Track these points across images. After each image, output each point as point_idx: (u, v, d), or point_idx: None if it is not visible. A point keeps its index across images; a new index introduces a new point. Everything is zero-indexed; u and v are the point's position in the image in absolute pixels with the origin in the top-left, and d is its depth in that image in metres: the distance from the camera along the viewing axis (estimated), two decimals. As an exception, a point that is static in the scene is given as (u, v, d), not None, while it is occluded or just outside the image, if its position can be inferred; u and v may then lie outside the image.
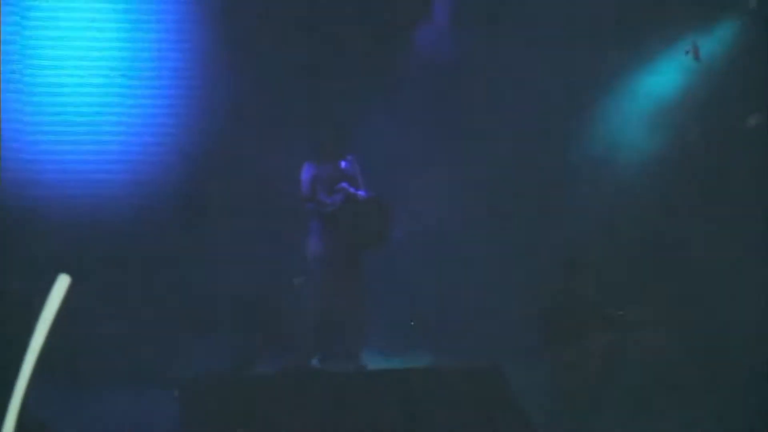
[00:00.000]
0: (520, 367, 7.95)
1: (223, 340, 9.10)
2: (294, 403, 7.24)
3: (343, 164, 9.08)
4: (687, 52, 9.52)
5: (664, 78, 9.87)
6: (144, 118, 9.64)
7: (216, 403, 7.25)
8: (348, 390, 7.57)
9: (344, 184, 9.00)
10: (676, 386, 8.26)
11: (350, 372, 8.71)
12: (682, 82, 9.79)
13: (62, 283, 3.44)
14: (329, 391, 7.49)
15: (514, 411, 7.36)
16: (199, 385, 7.50)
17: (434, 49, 10.12)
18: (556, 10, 9.91)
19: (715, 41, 9.59)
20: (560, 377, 8.35)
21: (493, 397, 7.56)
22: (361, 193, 9.02)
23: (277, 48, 9.82)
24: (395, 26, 10.13)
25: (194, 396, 7.33)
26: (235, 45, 9.72)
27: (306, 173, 9.03)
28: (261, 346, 9.19)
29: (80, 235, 9.31)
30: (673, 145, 9.90)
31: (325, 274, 8.94)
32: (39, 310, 3.47)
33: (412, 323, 9.66)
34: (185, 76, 9.70)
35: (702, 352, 8.59)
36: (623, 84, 10.06)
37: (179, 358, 8.70)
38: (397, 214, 9.17)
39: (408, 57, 10.18)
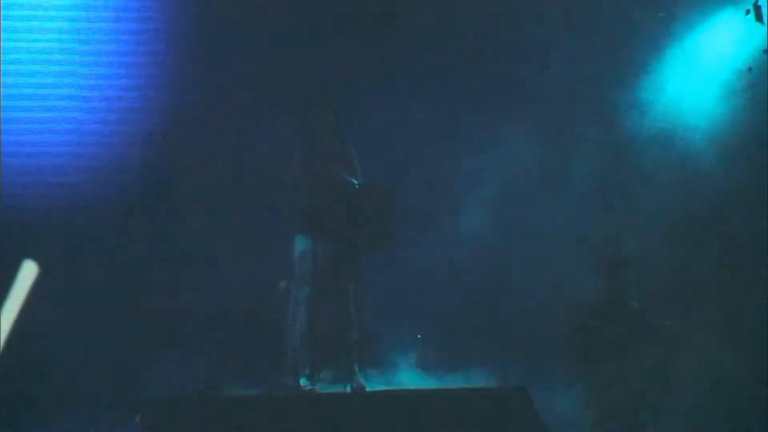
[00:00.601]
0: (551, 387, 8.06)
1: (194, 356, 8.84)
2: (278, 430, 7.21)
3: (336, 146, 8.83)
4: (748, 12, 9.38)
5: (722, 45, 9.80)
6: (102, 91, 9.34)
7: (184, 429, 7.24)
8: (342, 414, 7.51)
9: (340, 171, 8.71)
10: (731, 405, 8.26)
11: (345, 394, 8.45)
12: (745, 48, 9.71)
13: (28, 270, 3.15)
14: (320, 415, 7.43)
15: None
16: (164, 409, 7.43)
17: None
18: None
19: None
20: (598, 398, 8.28)
21: (517, 424, 7.54)
22: (358, 180, 8.74)
23: (258, 12, 9.58)
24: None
25: (159, 421, 7.28)
26: (208, 8, 9.51)
27: (293, 157, 8.72)
28: (237, 364, 9.03)
29: (26, 231, 8.91)
30: (736, 125, 9.72)
31: (316, 278, 8.62)
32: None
33: (419, 336, 9.54)
34: (151, 41, 9.42)
35: (761, 366, 8.52)
36: (678, 52, 9.96)
37: (142, 377, 8.53)
38: (402, 205, 8.82)
39: (420, 23, 9.93)
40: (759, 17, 9.21)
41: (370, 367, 8.88)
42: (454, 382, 8.95)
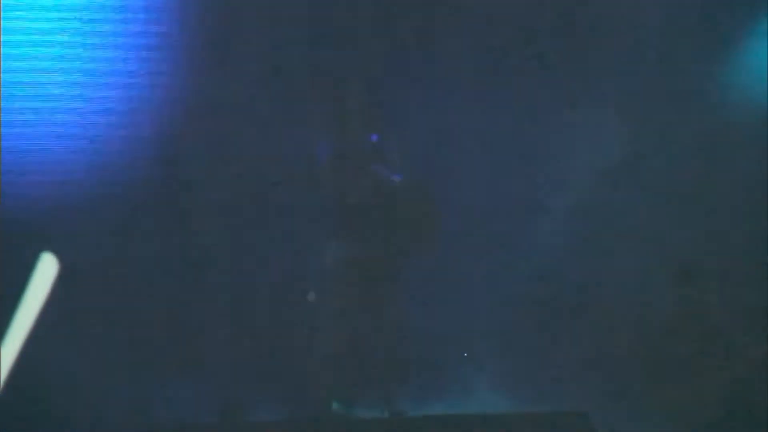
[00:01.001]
0: (617, 412, 8.18)
1: (210, 375, 8.80)
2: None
3: (374, 138, 8.87)
4: None
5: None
6: (108, 78, 9.01)
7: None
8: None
9: (377, 166, 8.83)
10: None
11: (383, 419, 8.64)
12: None
13: (47, 266, 3.25)
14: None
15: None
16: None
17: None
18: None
19: None
20: (672, 425, 8.33)
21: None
22: (398, 177, 8.80)
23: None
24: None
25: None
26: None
27: (324, 151, 8.79)
28: (260, 384, 8.94)
29: (22, 233, 8.53)
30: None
31: (350, 288, 8.75)
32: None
33: (465, 354, 9.39)
34: (164, 21, 9.05)
35: None
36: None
37: (152, 399, 8.55)
38: (448, 205, 8.91)
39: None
40: None
41: (411, 389, 8.74)
42: (505, 405, 8.90)
